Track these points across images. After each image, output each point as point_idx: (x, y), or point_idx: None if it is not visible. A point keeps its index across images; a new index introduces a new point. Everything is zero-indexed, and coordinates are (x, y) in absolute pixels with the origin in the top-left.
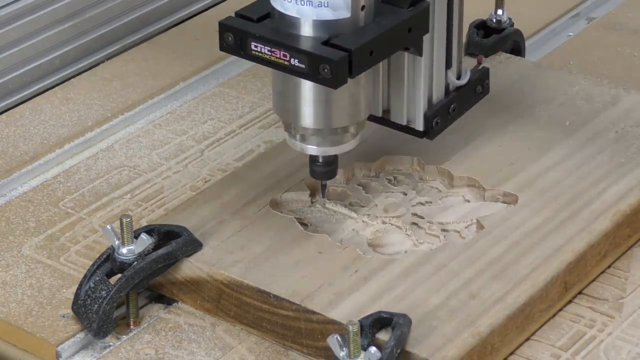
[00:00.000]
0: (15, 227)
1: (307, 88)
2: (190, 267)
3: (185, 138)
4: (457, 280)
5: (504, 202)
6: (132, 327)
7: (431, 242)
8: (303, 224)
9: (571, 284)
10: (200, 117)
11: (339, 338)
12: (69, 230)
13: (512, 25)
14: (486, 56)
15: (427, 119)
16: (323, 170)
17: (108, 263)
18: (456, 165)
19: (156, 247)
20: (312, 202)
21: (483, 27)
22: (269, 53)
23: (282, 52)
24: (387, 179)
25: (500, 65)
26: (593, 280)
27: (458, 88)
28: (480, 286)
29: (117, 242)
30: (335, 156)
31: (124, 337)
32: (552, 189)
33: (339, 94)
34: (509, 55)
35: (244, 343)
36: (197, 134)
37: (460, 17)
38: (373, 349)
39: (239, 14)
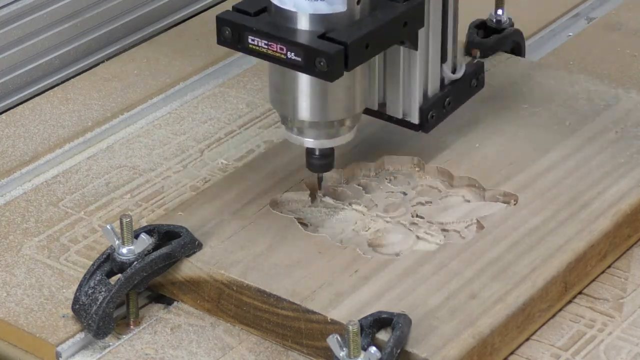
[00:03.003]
0: (15, 227)
1: (304, 81)
2: (190, 267)
3: (185, 138)
4: (457, 280)
5: (504, 202)
6: (132, 327)
7: (431, 242)
8: (303, 224)
9: (571, 284)
10: (200, 117)
11: (339, 338)
12: (69, 230)
13: (512, 25)
14: (486, 56)
15: (423, 112)
16: (320, 162)
17: (108, 263)
18: (456, 165)
19: (156, 247)
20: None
21: (483, 27)
22: (266, 46)
23: (278, 46)
24: (387, 179)
25: (500, 65)
26: (593, 280)
27: (453, 82)
28: (480, 286)
29: (117, 242)
30: (332, 149)
31: (124, 337)
32: (552, 189)
33: (335, 87)
34: (509, 55)
35: (244, 343)
36: (197, 134)
37: (455, 11)
38: (373, 349)
39: (236, 8)
